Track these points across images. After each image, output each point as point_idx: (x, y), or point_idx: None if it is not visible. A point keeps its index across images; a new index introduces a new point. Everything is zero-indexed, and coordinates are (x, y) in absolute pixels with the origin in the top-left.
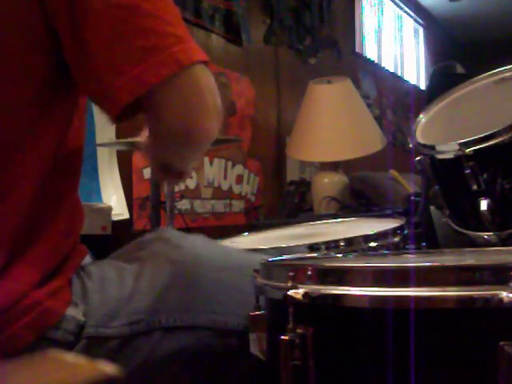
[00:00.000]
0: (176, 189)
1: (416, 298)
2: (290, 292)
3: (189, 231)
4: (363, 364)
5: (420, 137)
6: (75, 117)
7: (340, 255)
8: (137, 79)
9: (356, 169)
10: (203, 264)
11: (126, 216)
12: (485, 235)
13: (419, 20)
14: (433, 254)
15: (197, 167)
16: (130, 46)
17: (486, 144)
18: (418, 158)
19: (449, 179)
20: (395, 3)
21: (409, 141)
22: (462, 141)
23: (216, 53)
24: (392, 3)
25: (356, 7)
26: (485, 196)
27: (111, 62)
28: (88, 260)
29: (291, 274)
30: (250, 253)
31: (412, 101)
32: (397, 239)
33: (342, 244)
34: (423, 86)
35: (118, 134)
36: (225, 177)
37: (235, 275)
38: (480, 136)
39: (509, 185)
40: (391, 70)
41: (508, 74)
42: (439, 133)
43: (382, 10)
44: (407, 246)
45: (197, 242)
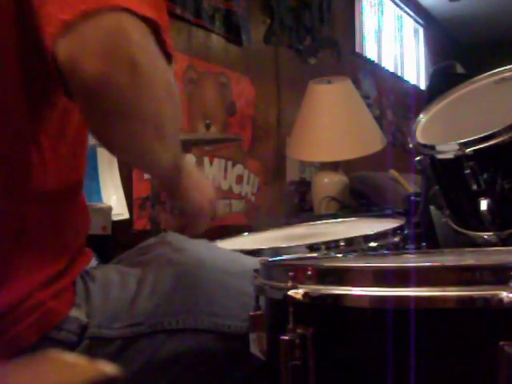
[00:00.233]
0: None
1: (416, 298)
2: (290, 292)
3: None
4: (363, 364)
5: (420, 137)
6: (74, 115)
7: (340, 255)
8: (56, 20)
9: (356, 169)
10: (206, 267)
11: (126, 216)
12: (485, 235)
13: (419, 20)
14: (433, 254)
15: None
16: None
17: (486, 144)
18: (418, 158)
19: (449, 179)
20: (395, 3)
21: (409, 141)
22: (462, 141)
23: (216, 53)
24: (392, 3)
25: (356, 7)
26: (485, 196)
27: (47, 12)
28: (93, 263)
29: (291, 274)
30: (254, 257)
31: (412, 101)
32: (397, 239)
33: (342, 244)
34: (423, 86)
35: None
36: (225, 177)
37: (238, 279)
38: (480, 136)
39: (509, 185)
40: (391, 70)
41: (508, 74)
42: (439, 133)
43: (382, 10)
44: (407, 246)
45: (200, 246)
